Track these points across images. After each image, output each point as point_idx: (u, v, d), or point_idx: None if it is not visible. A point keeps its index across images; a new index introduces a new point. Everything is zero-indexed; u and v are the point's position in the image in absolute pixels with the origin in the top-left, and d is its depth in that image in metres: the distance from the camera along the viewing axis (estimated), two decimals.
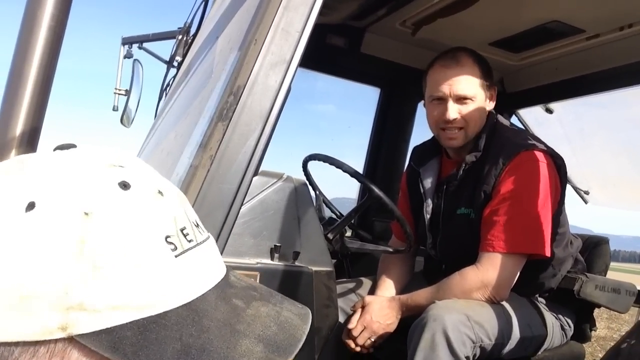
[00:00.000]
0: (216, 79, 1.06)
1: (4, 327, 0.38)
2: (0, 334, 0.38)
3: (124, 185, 0.43)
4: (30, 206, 0.40)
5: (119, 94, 2.56)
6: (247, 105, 0.96)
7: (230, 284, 0.49)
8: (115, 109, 2.55)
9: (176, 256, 0.43)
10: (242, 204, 0.96)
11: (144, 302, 0.40)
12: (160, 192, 0.45)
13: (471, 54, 1.90)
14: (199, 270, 0.45)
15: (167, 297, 0.41)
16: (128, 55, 2.54)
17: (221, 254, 1.02)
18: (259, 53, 0.97)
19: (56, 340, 0.38)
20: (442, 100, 1.87)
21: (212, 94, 1.02)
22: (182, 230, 0.45)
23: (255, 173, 1.00)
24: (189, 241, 0.45)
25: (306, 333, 0.47)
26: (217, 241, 0.98)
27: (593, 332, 2.19)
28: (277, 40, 0.99)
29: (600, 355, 4.58)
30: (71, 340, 0.38)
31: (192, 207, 0.59)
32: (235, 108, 0.95)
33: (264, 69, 0.98)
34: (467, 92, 1.85)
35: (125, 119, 2.59)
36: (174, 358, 0.39)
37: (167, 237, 0.43)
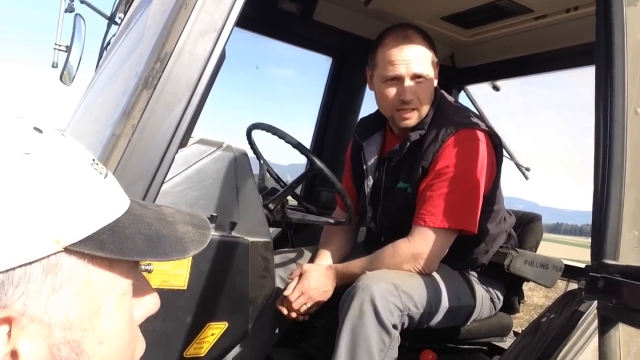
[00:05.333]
0: (146, 43, 1.01)
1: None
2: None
3: (39, 130, 0.50)
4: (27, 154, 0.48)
5: (59, 49, 2.43)
6: (173, 74, 0.92)
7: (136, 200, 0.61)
8: (55, 65, 2.44)
9: (104, 177, 0.54)
10: (165, 176, 0.93)
11: (104, 212, 0.51)
12: (62, 135, 0.53)
13: (420, 32, 1.89)
14: (120, 189, 0.56)
15: (114, 207, 0.53)
16: (69, 9, 2.41)
17: None
18: (188, 19, 0.93)
19: (48, 257, 0.46)
20: (399, 80, 1.85)
21: (140, 60, 0.98)
22: (93, 160, 0.54)
23: (184, 144, 0.97)
24: (102, 168, 0.55)
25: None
26: None
27: (531, 301, 2.29)
28: (207, 7, 0.94)
29: None
30: (62, 252, 0.47)
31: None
32: (161, 76, 0.91)
33: (192, 36, 0.94)
34: (422, 71, 1.84)
35: (66, 77, 2.48)
36: (143, 245, 0.52)
37: (92, 163, 0.53)
